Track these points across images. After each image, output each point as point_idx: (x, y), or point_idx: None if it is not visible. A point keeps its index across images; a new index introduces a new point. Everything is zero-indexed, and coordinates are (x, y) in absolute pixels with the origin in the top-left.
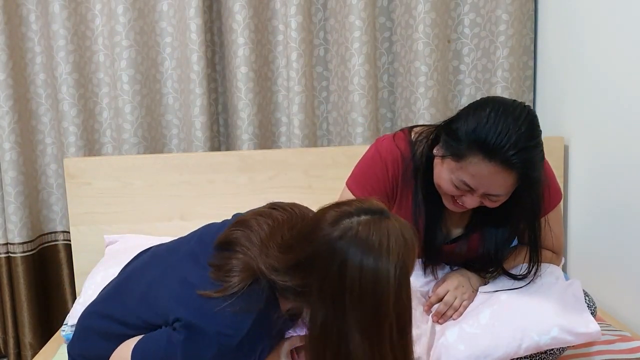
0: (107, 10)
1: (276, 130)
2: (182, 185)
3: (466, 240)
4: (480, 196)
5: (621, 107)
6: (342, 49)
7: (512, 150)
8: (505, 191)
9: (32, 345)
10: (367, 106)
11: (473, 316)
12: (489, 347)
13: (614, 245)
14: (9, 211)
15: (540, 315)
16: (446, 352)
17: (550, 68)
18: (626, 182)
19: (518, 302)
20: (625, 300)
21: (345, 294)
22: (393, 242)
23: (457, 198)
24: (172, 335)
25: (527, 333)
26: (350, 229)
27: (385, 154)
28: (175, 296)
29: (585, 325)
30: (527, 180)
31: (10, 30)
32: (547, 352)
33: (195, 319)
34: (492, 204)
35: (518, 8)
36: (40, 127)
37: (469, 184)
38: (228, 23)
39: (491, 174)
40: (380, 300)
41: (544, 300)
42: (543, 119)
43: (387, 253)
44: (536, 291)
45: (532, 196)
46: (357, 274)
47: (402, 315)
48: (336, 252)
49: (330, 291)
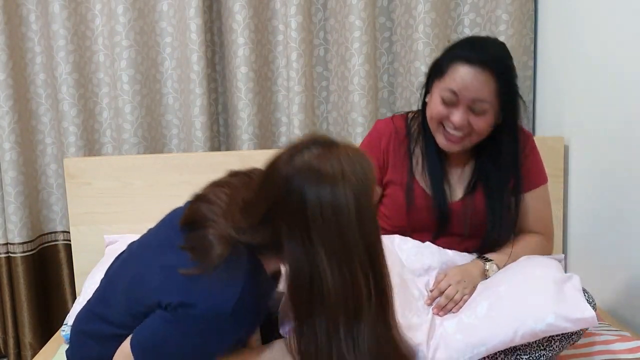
0: (107, 10)
1: (276, 130)
2: (182, 185)
3: (472, 198)
4: (466, 109)
5: (621, 107)
6: (342, 49)
7: (489, 56)
8: (486, 95)
9: (32, 345)
10: (367, 106)
11: (471, 308)
12: (485, 336)
13: (614, 245)
14: (9, 211)
15: (536, 303)
16: (444, 342)
17: (550, 68)
18: (626, 182)
19: (515, 293)
20: (625, 300)
21: (311, 230)
22: (347, 168)
23: (446, 123)
24: (165, 316)
25: (523, 320)
26: (302, 163)
27: (381, 128)
28: (160, 285)
29: (581, 312)
30: (506, 86)
31: (10, 30)
32: (546, 348)
33: (185, 298)
34: (478, 119)
35: (518, 8)
36: (40, 127)
37: (454, 90)
38: (228, 23)
39: (472, 76)
40: (344, 228)
41: (541, 290)
42: (543, 119)
43: (342, 179)
44: (534, 283)
45: (512, 128)
46: (317, 206)
47: (370, 242)
48: (294, 190)
49: (298, 231)
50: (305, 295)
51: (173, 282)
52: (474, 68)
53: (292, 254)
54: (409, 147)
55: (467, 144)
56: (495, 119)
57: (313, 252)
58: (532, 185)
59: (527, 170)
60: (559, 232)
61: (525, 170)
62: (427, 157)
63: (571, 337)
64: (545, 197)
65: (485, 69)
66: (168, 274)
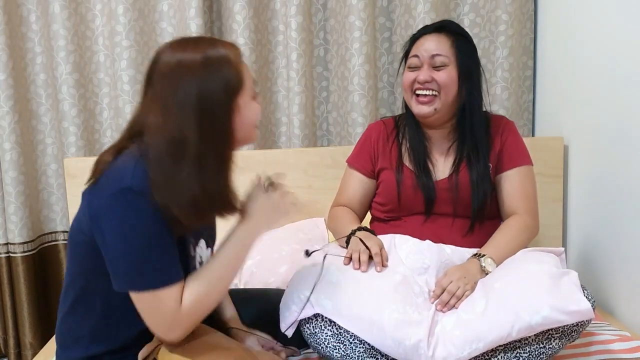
0: (107, 11)
1: (276, 130)
2: None
3: (457, 176)
4: (429, 67)
5: (621, 107)
6: (342, 49)
7: (442, 24)
8: (443, 50)
9: (32, 345)
10: (367, 106)
11: (470, 305)
12: (482, 331)
13: (614, 245)
14: (9, 211)
15: (531, 296)
16: (443, 338)
17: (549, 68)
18: (626, 182)
19: (511, 288)
20: (624, 300)
21: (154, 80)
22: (203, 42)
23: (415, 87)
24: (102, 218)
25: (519, 314)
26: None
27: (372, 127)
28: (86, 205)
29: (576, 304)
30: (461, 44)
31: (10, 31)
32: (546, 347)
33: (101, 190)
34: (440, 73)
35: (518, 8)
36: (40, 127)
37: (416, 54)
38: (228, 23)
39: (429, 39)
40: (183, 81)
41: (535, 284)
42: (543, 119)
43: (194, 48)
44: (529, 278)
45: (475, 79)
46: (165, 65)
47: (210, 108)
48: (155, 56)
49: (150, 86)
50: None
51: (94, 193)
52: (430, 34)
53: (150, 104)
54: (397, 136)
55: (439, 106)
56: (458, 76)
57: (165, 100)
58: (514, 163)
59: (507, 150)
60: (559, 232)
61: (506, 150)
62: (411, 141)
63: (570, 335)
64: (530, 177)
65: (440, 32)
66: (89, 194)
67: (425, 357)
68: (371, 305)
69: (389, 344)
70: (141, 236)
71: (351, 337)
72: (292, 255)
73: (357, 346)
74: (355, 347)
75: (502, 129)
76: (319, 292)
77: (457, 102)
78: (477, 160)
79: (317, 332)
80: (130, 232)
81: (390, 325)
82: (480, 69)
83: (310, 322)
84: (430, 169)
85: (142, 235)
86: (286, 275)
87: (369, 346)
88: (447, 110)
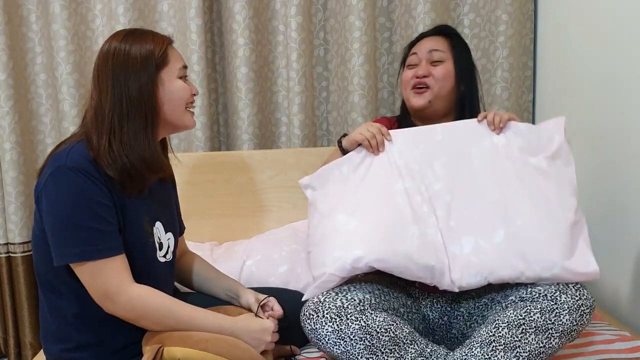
0: (107, 11)
1: (276, 130)
2: (182, 185)
3: None
4: (427, 63)
5: (620, 107)
6: (342, 49)
7: (439, 27)
8: (441, 46)
9: (32, 345)
10: (367, 106)
11: (489, 231)
12: (495, 267)
13: (614, 245)
14: (10, 211)
15: (546, 252)
16: (460, 262)
17: (549, 68)
18: (625, 181)
19: (530, 232)
20: (625, 300)
21: (100, 67)
22: (136, 32)
23: (415, 80)
24: (41, 196)
25: (531, 265)
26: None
27: (376, 120)
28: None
29: (585, 266)
30: (458, 44)
31: (10, 31)
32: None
33: (44, 173)
34: (437, 68)
35: (517, 8)
36: (40, 127)
37: (415, 52)
38: (228, 23)
39: (429, 40)
40: (116, 66)
41: (555, 237)
42: (543, 119)
43: (123, 31)
44: (552, 226)
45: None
46: (100, 51)
47: (133, 79)
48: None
49: (97, 70)
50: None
51: (37, 180)
52: (428, 37)
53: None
54: (399, 127)
55: (432, 97)
56: (454, 72)
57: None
58: None
59: None
60: None
61: None
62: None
63: (570, 334)
64: None
65: (437, 34)
66: (36, 184)
67: (447, 278)
68: (395, 236)
69: (420, 272)
70: (75, 209)
71: (352, 334)
72: (292, 255)
73: (357, 343)
74: (355, 343)
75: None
76: (346, 247)
77: (452, 97)
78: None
79: (317, 328)
80: (64, 206)
81: (416, 252)
82: (476, 71)
83: (312, 318)
84: None
85: (76, 208)
86: (286, 275)
87: (369, 343)
88: (441, 103)
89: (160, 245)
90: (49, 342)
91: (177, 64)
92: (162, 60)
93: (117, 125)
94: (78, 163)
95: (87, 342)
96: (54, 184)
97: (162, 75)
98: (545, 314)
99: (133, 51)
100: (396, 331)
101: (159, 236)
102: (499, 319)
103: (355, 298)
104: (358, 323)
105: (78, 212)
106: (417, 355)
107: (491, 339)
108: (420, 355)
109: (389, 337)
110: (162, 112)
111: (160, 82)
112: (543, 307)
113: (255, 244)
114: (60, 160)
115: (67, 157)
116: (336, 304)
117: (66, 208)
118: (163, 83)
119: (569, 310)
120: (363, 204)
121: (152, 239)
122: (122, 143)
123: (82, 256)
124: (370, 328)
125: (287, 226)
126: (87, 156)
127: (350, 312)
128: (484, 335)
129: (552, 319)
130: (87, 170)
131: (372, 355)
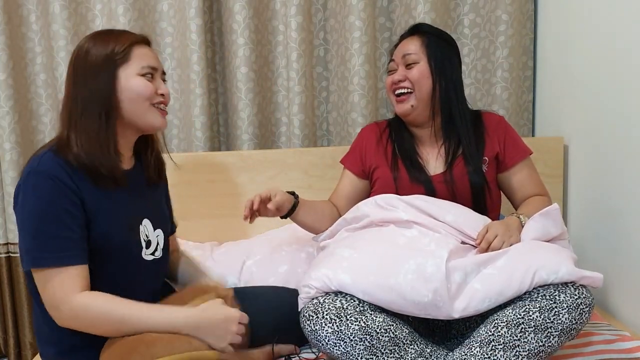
0: (107, 11)
1: (276, 130)
2: (182, 185)
3: (452, 170)
4: (403, 68)
5: (621, 107)
6: (342, 49)
7: (415, 27)
8: (413, 49)
9: (32, 345)
10: (367, 106)
11: (492, 262)
12: (503, 286)
13: (614, 245)
14: (10, 211)
15: (550, 257)
16: (464, 291)
17: (549, 68)
18: (625, 181)
19: (531, 248)
20: (624, 300)
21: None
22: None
23: (394, 86)
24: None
25: (538, 272)
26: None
27: (364, 129)
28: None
29: (589, 272)
30: (432, 42)
31: (10, 31)
32: (545, 344)
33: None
34: (411, 70)
35: (518, 8)
36: (40, 127)
37: (392, 58)
38: (228, 23)
39: (404, 44)
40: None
41: (555, 249)
42: (543, 119)
43: (91, 41)
44: (549, 245)
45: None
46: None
47: (91, 77)
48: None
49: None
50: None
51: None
52: (405, 39)
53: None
54: (390, 135)
55: (414, 102)
56: (430, 71)
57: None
58: (517, 158)
59: (508, 149)
60: None
61: (507, 149)
62: (398, 140)
63: (569, 333)
64: (533, 165)
65: (413, 34)
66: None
67: (445, 309)
68: (387, 269)
69: (409, 308)
70: (38, 215)
71: (351, 335)
72: (292, 255)
73: (357, 344)
74: (355, 344)
75: (497, 127)
76: (335, 269)
77: (433, 97)
78: (470, 156)
79: (317, 329)
80: (27, 212)
81: (407, 287)
82: (455, 65)
83: (311, 319)
84: (422, 165)
85: (39, 215)
86: (286, 275)
87: (369, 343)
88: (424, 106)
89: (148, 243)
90: (44, 344)
91: (141, 63)
92: (122, 58)
93: (74, 123)
94: (49, 167)
95: (81, 344)
96: (24, 187)
97: (120, 73)
98: (544, 312)
99: (94, 51)
100: (396, 331)
101: (147, 234)
102: (498, 319)
103: (355, 299)
104: (358, 324)
105: (41, 217)
106: (417, 356)
107: (490, 339)
108: (420, 355)
109: (388, 337)
110: (123, 110)
111: (118, 80)
112: (542, 306)
113: (255, 244)
114: (32, 165)
115: (39, 161)
116: (336, 304)
117: (30, 214)
118: (120, 81)
119: (568, 309)
120: (366, 239)
121: (137, 237)
122: (78, 139)
123: (34, 262)
124: (370, 329)
125: (287, 226)
126: (58, 160)
127: (350, 312)
128: (483, 335)
129: (551, 318)
130: (57, 175)
131: (372, 356)
